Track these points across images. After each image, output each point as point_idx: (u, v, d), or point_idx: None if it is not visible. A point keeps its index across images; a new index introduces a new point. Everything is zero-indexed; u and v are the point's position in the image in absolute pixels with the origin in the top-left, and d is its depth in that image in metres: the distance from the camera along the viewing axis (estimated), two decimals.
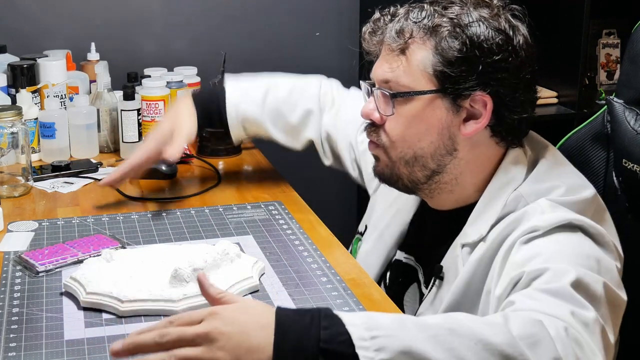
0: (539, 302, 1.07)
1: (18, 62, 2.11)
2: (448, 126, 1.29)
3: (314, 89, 1.76)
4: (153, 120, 2.09)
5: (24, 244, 1.51)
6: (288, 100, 1.72)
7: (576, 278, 1.10)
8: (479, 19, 1.27)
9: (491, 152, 1.32)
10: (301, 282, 1.37)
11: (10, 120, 1.76)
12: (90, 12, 2.45)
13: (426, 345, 0.95)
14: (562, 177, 1.29)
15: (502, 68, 1.26)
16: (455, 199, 1.36)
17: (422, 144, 1.31)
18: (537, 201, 1.25)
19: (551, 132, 1.59)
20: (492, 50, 1.26)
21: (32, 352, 1.16)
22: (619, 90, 1.50)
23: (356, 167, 1.70)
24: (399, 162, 1.33)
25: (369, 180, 1.64)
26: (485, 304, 1.24)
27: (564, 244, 1.18)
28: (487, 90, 1.27)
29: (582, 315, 1.06)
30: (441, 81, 1.27)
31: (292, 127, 1.73)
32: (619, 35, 2.81)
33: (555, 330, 1.01)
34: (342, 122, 1.71)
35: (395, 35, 1.29)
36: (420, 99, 1.29)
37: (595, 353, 1.04)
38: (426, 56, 1.27)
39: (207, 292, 1.03)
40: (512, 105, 1.29)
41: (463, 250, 1.31)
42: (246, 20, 2.59)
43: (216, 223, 1.62)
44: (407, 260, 1.47)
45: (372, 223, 1.56)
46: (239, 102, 1.71)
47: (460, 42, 1.25)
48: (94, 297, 1.28)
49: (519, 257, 1.18)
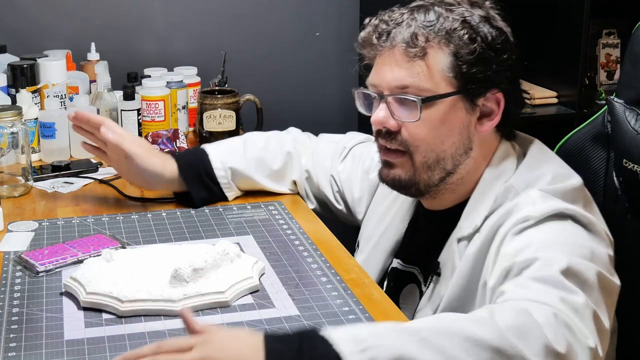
0: (528, 291, 1.09)
1: (18, 62, 2.11)
2: (467, 126, 1.32)
3: (288, 135, 1.78)
4: (153, 120, 2.09)
5: (24, 244, 1.51)
6: (267, 148, 1.73)
7: (567, 265, 1.12)
8: (482, 20, 1.31)
9: (491, 146, 1.36)
10: (301, 282, 1.37)
11: (10, 120, 1.76)
12: (90, 12, 2.45)
13: (416, 349, 0.97)
14: (548, 165, 1.33)
15: (509, 66, 1.32)
16: (455, 197, 1.37)
17: (445, 146, 1.32)
18: (528, 192, 1.27)
19: (551, 132, 1.59)
20: (501, 49, 1.31)
21: (32, 352, 1.16)
22: (619, 90, 1.50)
23: (340, 199, 1.69)
24: (422, 167, 1.34)
25: (355, 206, 1.64)
26: (482, 296, 1.25)
27: (555, 233, 1.20)
28: (500, 88, 1.32)
29: (572, 300, 1.08)
30: (461, 82, 1.30)
31: (276, 172, 1.73)
32: (619, 35, 2.81)
33: (544, 316, 1.03)
34: (319, 160, 1.72)
35: (410, 40, 1.29)
36: (444, 102, 1.30)
37: (587, 336, 1.05)
38: (445, 59, 1.29)
39: (192, 327, 1.03)
40: (517, 101, 1.35)
41: (459, 245, 1.33)
42: (246, 20, 2.59)
43: (216, 223, 1.62)
44: (403, 268, 1.48)
45: (365, 236, 1.57)
46: (223, 157, 1.70)
47: (477, 43, 1.29)
48: (94, 297, 1.28)
49: (511, 247, 1.20)
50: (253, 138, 1.75)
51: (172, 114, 2.17)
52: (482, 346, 0.98)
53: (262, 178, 1.72)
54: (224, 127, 2.00)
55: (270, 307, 1.29)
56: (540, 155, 1.35)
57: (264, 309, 1.29)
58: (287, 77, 2.66)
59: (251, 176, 1.71)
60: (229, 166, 1.69)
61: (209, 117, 1.99)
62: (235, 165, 1.69)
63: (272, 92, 2.54)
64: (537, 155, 1.35)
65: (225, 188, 1.70)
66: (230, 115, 2.00)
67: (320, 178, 1.72)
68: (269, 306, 1.29)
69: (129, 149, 1.62)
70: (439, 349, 0.97)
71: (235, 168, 1.69)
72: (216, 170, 1.68)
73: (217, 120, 2.00)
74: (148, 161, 1.63)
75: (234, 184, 1.71)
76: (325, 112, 2.69)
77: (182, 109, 2.22)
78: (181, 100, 2.22)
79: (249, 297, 1.32)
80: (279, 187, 1.75)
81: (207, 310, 1.28)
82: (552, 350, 1.00)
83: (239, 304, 1.30)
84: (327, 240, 1.56)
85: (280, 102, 2.57)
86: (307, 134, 1.81)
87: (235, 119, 2.01)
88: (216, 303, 1.29)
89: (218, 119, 2.00)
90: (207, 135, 2.00)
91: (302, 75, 2.66)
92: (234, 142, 1.75)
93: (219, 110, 1.99)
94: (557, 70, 2.54)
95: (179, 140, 2.02)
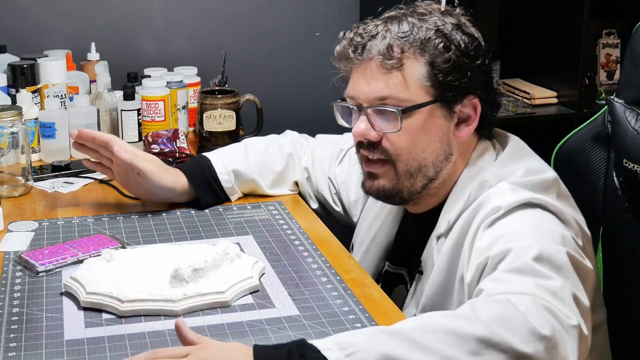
0: (505, 284, 1.11)
1: (18, 62, 2.11)
2: (446, 132, 1.35)
3: (287, 137, 1.79)
4: (153, 120, 2.09)
5: (24, 244, 1.51)
6: (267, 151, 1.74)
7: (538, 252, 1.14)
8: (454, 27, 1.33)
9: (468, 148, 1.38)
10: (301, 282, 1.37)
11: (10, 120, 1.76)
12: (90, 12, 2.45)
13: (402, 348, 0.99)
14: (523, 161, 1.35)
15: (483, 71, 1.35)
16: (436, 200, 1.40)
17: (426, 153, 1.35)
18: (497, 185, 1.29)
19: (551, 132, 1.59)
20: (474, 55, 1.33)
21: (32, 352, 1.16)
22: (619, 90, 1.50)
23: (338, 201, 1.71)
24: (404, 175, 1.36)
25: (351, 209, 1.67)
26: (460, 291, 1.28)
27: (525, 222, 1.22)
28: (476, 93, 1.34)
29: (548, 285, 1.10)
30: (438, 91, 1.32)
31: (279, 173, 1.74)
32: (619, 35, 2.81)
33: (524, 304, 1.05)
34: (318, 161, 1.74)
35: (386, 52, 1.32)
36: (422, 111, 1.33)
37: (569, 316, 1.07)
38: (421, 69, 1.32)
39: (185, 336, 1.05)
40: (492, 104, 1.38)
41: (438, 243, 1.35)
42: (246, 20, 2.59)
43: (216, 223, 1.62)
44: (393, 270, 1.50)
45: (357, 240, 1.59)
46: (225, 162, 1.70)
47: (452, 51, 1.31)
48: (94, 297, 1.28)
49: (483, 241, 1.22)
50: (253, 142, 1.77)
51: (172, 114, 2.17)
52: (467, 338, 1.00)
53: (264, 182, 1.73)
54: (224, 127, 2.00)
55: (270, 307, 1.29)
56: (517, 151, 1.38)
57: (264, 309, 1.29)
58: (287, 77, 2.66)
59: (254, 179, 1.72)
60: (232, 170, 1.70)
61: (209, 117, 1.99)
62: (238, 169, 1.70)
63: (272, 92, 2.54)
64: (514, 151, 1.38)
65: (230, 192, 1.71)
66: (230, 115, 2.00)
67: (318, 180, 1.73)
68: (269, 306, 1.29)
69: (143, 167, 1.61)
70: (424, 346, 0.99)
71: (238, 171, 1.70)
72: (220, 175, 1.69)
73: (217, 120, 2.00)
74: (161, 178, 1.64)
75: (238, 188, 1.72)
76: (325, 112, 2.67)
77: (182, 109, 2.22)
78: (181, 100, 2.22)
79: (249, 297, 1.32)
80: (280, 191, 1.76)
81: (207, 310, 1.28)
82: (537, 334, 1.02)
83: (239, 304, 1.30)
84: (327, 240, 1.56)
85: (280, 102, 2.57)
86: (304, 136, 1.82)
87: (235, 119, 2.01)
88: (216, 303, 1.29)
89: (218, 119, 2.00)
90: (207, 135, 2.00)
91: (302, 75, 2.66)
92: (234, 148, 1.76)
93: (219, 110, 1.99)
94: (557, 70, 2.54)
95: (179, 140, 2.02)
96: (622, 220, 1.45)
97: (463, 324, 1.01)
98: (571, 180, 1.40)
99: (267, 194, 1.75)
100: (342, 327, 1.22)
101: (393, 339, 0.99)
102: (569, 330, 1.05)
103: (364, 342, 1.00)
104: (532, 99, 2.55)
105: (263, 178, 1.73)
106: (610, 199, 1.48)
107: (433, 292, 1.33)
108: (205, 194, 1.68)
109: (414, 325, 1.02)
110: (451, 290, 1.30)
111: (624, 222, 1.45)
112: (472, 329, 1.00)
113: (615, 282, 1.47)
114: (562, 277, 1.12)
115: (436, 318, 1.04)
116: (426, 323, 1.03)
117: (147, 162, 1.62)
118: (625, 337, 1.45)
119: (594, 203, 1.50)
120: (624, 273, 1.45)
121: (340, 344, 0.99)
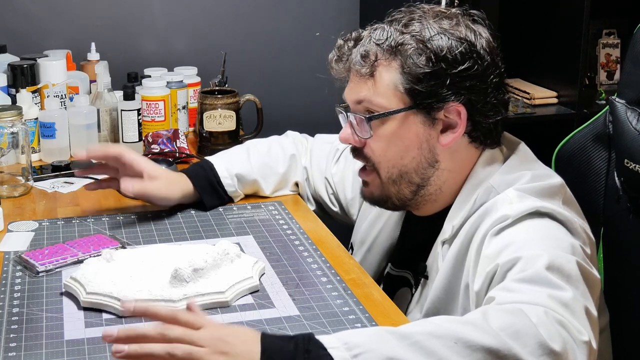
0: (516, 293, 1.09)
1: (18, 62, 2.11)
2: (427, 140, 1.33)
3: (288, 138, 1.80)
4: (153, 120, 2.09)
5: (24, 244, 1.51)
6: (269, 153, 1.74)
7: (549, 261, 1.12)
8: (440, 32, 1.30)
9: (470, 156, 1.36)
10: (301, 282, 1.37)
11: (10, 120, 1.75)
12: (90, 12, 2.45)
13: (407, 353, 0.98)
14: (529, 167, 1.33)
15: (470, 76, 1.30)
16: (439, 205, 1.39)
17: (405, 160, 1.34)
18: (505, 191, 1.27)
19: (551, 132, 1.59)
20: (457, 60, 1.29)
21: (32, 352, 1.15)
22: (620, 90, 1.50)
23: (335, 201, 1.71)
24: (388, 182, 1.36)
25: (349, 207, 1.67)
26: (464, 298, 1.26)
27: (533, 231, 1.20)
28: (459, 99, 1.30)
29: (560, 296, 1.08)
30: (412, 98, 1.30)
31: (282, 175, 1.74)
32: (619, 36, 2.81)
33: (536, 316, 1.03)
34: (315, 161, 1.74)
35: (360, 59, 1.32)
36: (395, 118, 1.32)
37: (581, 331, 1.05)
38: (394, 76, 1.31)
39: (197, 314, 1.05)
40: (485, 109, 1.32)
41: (443, 248, 1.34)
42: (246, 20, 2.59)
43: (216, 223, 1.62)
44: (396, 272, 1.49)
45: (358, 240, 1.58)
46: (228, 166, 1.70)
47: (425, 57, 1.28)
48: (94, 297, 1.28)
49: (491, 249, 1.21)
50: (255, 144, 1.77)
51: (172, 114, 2.17)
52: (474, 347, 0.98)
53: (267, 184, 1.73)
54: (224, 127, 2.00)
55: (270, 307, 1.29)
56: (523, 158, 1.36)
57: (264, 309, 1.28)
58: (287, 77, 2.66)
59: (257, 181, 1.72)
60: (235, 174, 1.70)
61: (209, 117, 1.99)
62: (241, 172, 1.70)
63: (272, 92, 2.54)
64: (521, 158, 1.35)
65: (233, 195, 1.72)
66: (230, 115, 2.00)
67: (316, 180, 1.73)
68: (269, 306, 1.29)
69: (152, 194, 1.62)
70: (430, 351, 0.98)
71: (241, 175, 1.70)
72: (223, 179, 1.69)
73: (217, 120, 1.99)
74: (169, 193, 1.64)
75: (240, 191, 1.72)
76: (325, 112, 2.68)
77: (182, 109, 2.22)
78: (181, 100, 2.22)
79: (249, 297, 1.32)
80: (281, 193, 1.76)
81: (207, 310, 1.27)
82: (547, 348, 1.00)
83: (239, 304, 1.30)
84: (327, 240, 1.56)
85: (280, 102, 2.57)
86: (305, 136, 1.82)
87: (235, 119, 2.01)
88: (216, 303, 1.28)
89: (218, 119, 1.99)
90: (207, 135, 2.00)
91: (303, 75, 2.66)
92: (237, 151, 1.76)
93: (219, 110, 1.99)
94: (557, 70, 2.54)
95: (179, 140, 2.02)
96: (623, 221, 1.45)
97: (472, 332, 0.99)
98: (572, 181, 1.40)
99: (269, 196, 1.75)
100: (342, 327, 1.22)
101: (400, 342, 0.98)
102: (580, 346, 1.04)
103: (370, 343, 0.99)
104: (532, 99, 2.55)
105: (266, 180, 1.73)
106: (612, 199, 1.48)
107: (437, 298, 1.31)
108: (210, 198, 1.68)
109: (422, 330, 1.01)
110: (455, 296, 1.28)
111: (625, 222, 1.45)
112: (481, 338, 0.99)
113: (615, 283, 1.47)
114: (572, 287, 1.10)
115: (445, 323, 1.03)
116: (435, 328, 1.01)
117: (155, 187, 1.62)
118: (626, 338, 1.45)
119: (594, 203, 1.50)
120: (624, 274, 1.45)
121: (347, 343, 0.98)
